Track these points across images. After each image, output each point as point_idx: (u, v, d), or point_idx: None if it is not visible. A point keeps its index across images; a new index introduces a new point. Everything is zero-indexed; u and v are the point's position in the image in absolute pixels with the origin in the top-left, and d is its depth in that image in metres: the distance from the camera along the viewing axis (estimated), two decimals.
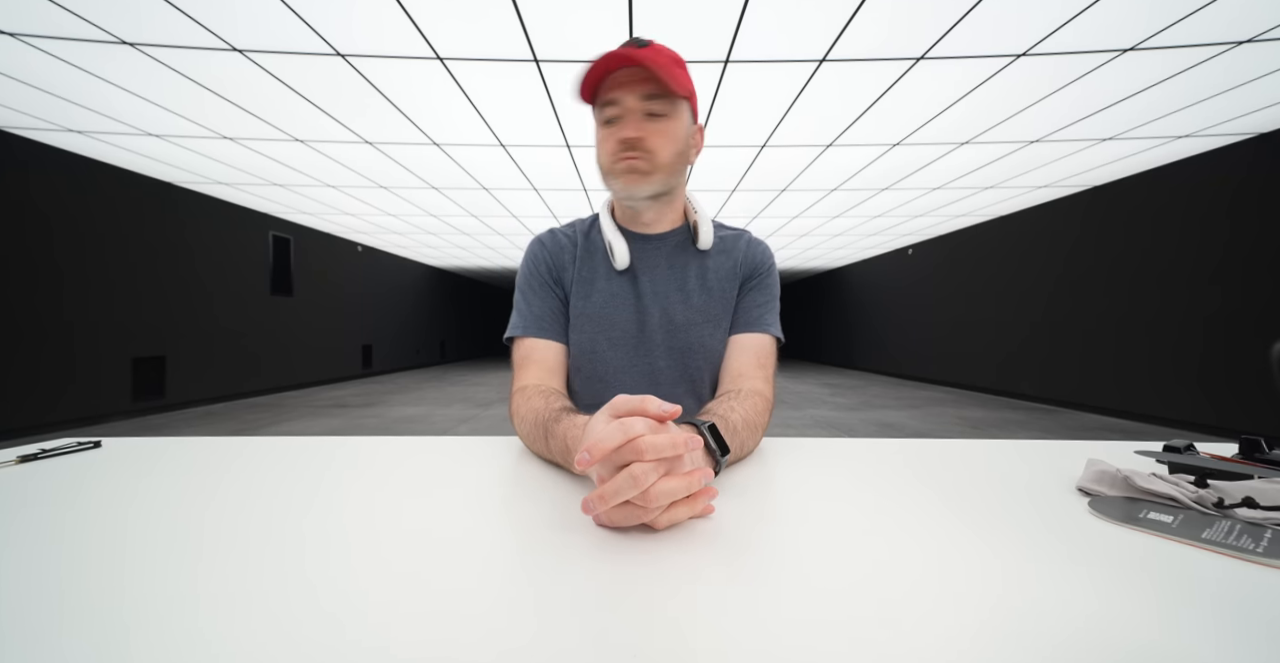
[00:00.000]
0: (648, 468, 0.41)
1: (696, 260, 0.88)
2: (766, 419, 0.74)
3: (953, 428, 4.60)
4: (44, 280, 4.25)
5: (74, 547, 0.41)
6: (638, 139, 0.75)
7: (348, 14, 2.48)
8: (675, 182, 0.82)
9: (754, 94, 3.33)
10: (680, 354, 0.86)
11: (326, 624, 0.30)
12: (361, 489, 0.56)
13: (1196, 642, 0.28)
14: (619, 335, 0.86)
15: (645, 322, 0.86)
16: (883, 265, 9.61)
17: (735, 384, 0.80)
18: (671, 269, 0.87)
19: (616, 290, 0.86)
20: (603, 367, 0.86)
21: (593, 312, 0.86)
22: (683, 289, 0.87)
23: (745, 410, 0.68)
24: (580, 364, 0.87)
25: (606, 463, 0.43)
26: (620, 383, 0.85)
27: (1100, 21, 2.49)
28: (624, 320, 0.86)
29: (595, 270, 0.87)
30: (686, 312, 0.86)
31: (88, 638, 0.28)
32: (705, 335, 0.86)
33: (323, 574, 0.36)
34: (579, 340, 0.86)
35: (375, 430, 4.45)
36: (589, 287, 0.87)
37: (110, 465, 0.66)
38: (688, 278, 0.87)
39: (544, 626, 0.30)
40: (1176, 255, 4.53)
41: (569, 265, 0.88)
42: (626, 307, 0.86)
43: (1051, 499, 0.52)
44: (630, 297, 0.86)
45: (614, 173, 0.78)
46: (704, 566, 0.38)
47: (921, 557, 0.39)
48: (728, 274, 0.88)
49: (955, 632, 0.29)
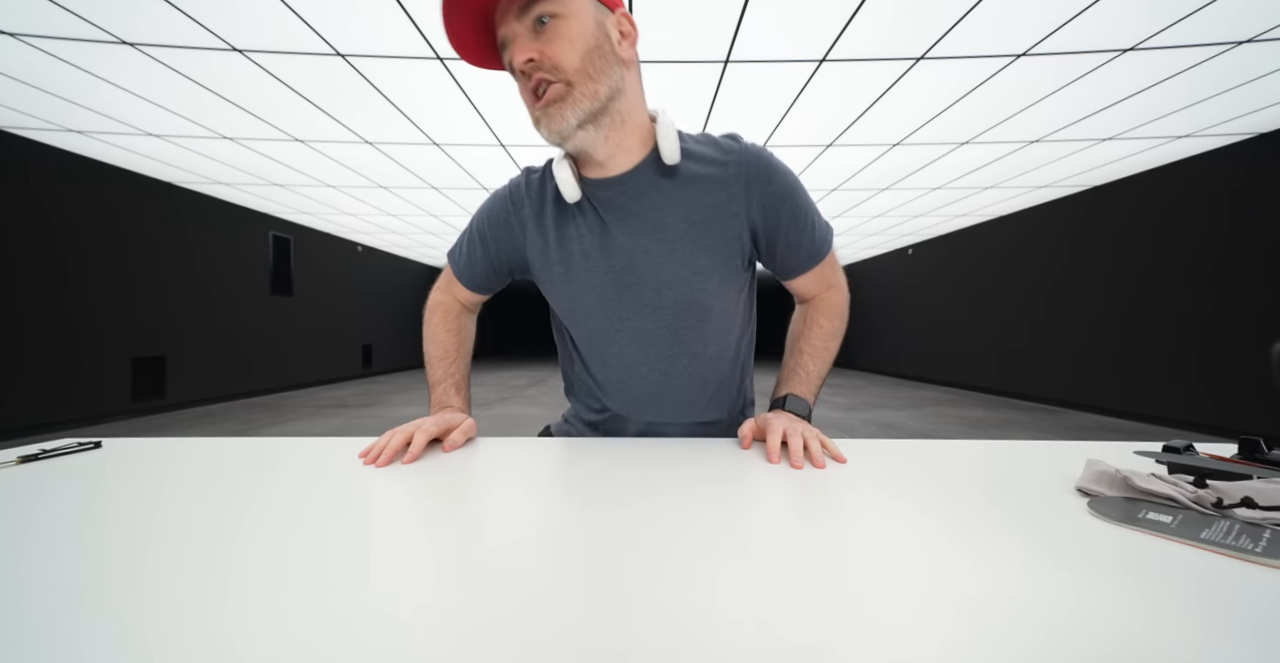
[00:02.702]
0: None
1: (671, 192, 0.72)
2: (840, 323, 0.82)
3: (953, 428, 4.60)
4: (44, 281, 4.25)
5: (74, 547, 0.41)
6: (531, 60, 0.61)
7: (348, 14, 2.48)
8: (607, 90, 0.65)
9: (754, 94, 3.33)
10: (670, 313, 0.75)
11: (327, 624, 0.30)
12: (362, 489, 0.56)
13: (1196, 642, 0.28)
14: (595, 301, 0.76)
15: (621, 280, 0.74)
16: (883, 265, 9.61)
17: (811, 301, 0.84)
18: (643, 213, 0.72)
19: (588, 250, 0.75)
20: (589, 331, 0.80)
21: (561, 276, 0.78)
22: (660, 237, 0.72)
23: (820, 332, 0.80)
24: (570, 325, 0.83)
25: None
26: (610, 349, 0.79)
27: (1100, 21, 2.49)
28: (598, 282, 0.75)
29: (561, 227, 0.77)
30: (671, 265, 0.72)
31: (88, 638, 0.28)
32: (695, 291, 0.73)
33: (323, 574, 0.36)
34: (561, 307, 0.81)
35: (375, 430, 4.45)
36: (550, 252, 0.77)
37: (110, 466, 0.66)
38: (664, 223, 0.72)
39: (544, 625, 0.30)
40: (1176, 255, 4.53)
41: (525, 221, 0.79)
42: (597, 267, 0.75)
43: (1051, 499, 0.52)
44: (600, 258, 0.74)
45: (537, 123, 0.66)
46: (703, 566, 0.38)
47: (921, 557, 0.39)
48: (719, 205, 0.71)
49: (954, 632, 0.29)
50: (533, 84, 0.63)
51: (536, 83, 0.63)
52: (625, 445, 0.75)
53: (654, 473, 0.62)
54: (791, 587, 0.34)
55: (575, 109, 0.63)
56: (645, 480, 0.59)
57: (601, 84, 0.64)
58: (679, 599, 0.33)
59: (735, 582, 0.35)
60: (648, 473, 0.62)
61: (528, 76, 0.63)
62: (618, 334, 0.78)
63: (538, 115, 0.65)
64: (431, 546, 0.42)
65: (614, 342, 0.78)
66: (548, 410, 5.32)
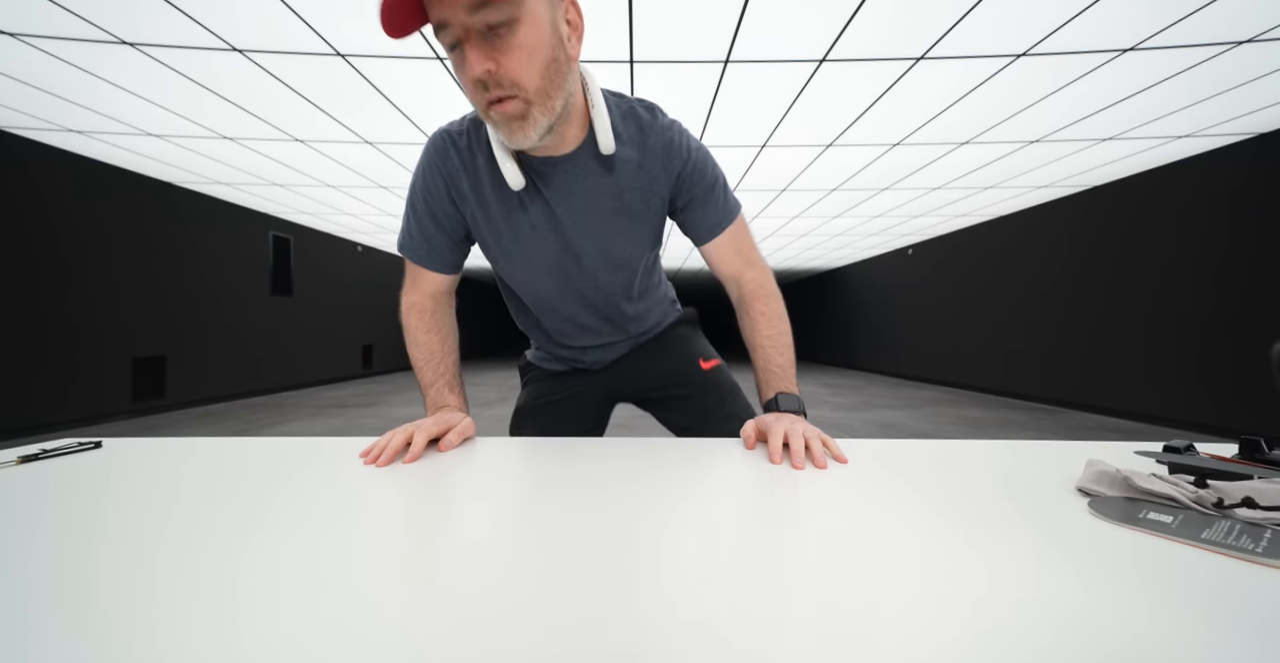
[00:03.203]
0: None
1: (604, 176, 0.77)
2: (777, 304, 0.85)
3: (953, 428, 4.60)
4: (44, 281, 4.25)
5: (74, 547, 0.41)
6: (490, 73, 0.59)
7: (348, 14, 2.47)
8: (562, 100, 0.66)
9: (754, 94, 3.33)
10: (607, 273, 0.86)
11: (328, 624, 0.30)
12: (362, 489, 0.56)
13: (1197, 643, 0.28)
14: (544, 269, 0.84)
15: (568, 252, 0.82)
16: (883, 265, 9.61)
17: (738, 290, 0.88)
18: (582, 194, 0.78)
19: (535, 222, 0.79)
20: (538, 294, 0.89)
21: (511, 249, 0.82)
22: (597, 213, 0.79)
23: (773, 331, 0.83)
24: (518, 286, 0.90)
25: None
26: (558, 309, 0.91)
27: (1100, 21, 2.49)
28: (546, 253, 0.82)
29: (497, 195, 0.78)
30: (608, 237, 0.82)
31: (88, 638, 0.28)
32: (628, 256, 0.86)
33: (324, 574, 0.36)
34: (509, 272, 0.87)
35: (375, 430, 4.45)
36: (490, 217, 0.80)
37: (111, 466, 0.66)
38: (599, 203, 0.79)
39: (544, 623, 0.30)
40: (1176, 255, 4.53)
41: (461, 194, 0.80)
42: (546, 241, 0.81)
43: (1051, 500, 0.52)
44: (548, 230, 0.80)
45: (490, 121, 0.65)
46: (703, 566, 0.38)
47: (921, 557, 0.39)
48: (644, 186, 0.79)
49: (954, 632, 0.29)
50: (486, 95, 0.61)
51: (493, 96, 0.61)
52: (627, 445, 0.75)
53: (655, 473, 0.62)
54: (791, 587, 0.34)
55: (536, 127, 0.64)
56: (646, 481, 0.59)
57: (558, 98, 0.65)
58: (681, 600, 0.33)
59: (735, 582, 0.35)
60: (649, 473, 0.62)
61: (483, 85, 0.60)
62: (564, 292, 0.88)
63: (493, 119, 0.64)
64: (431, 546, 0.42)
65: (562, 301, 0.89)
66: None
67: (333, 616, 0.31)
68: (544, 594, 0.33)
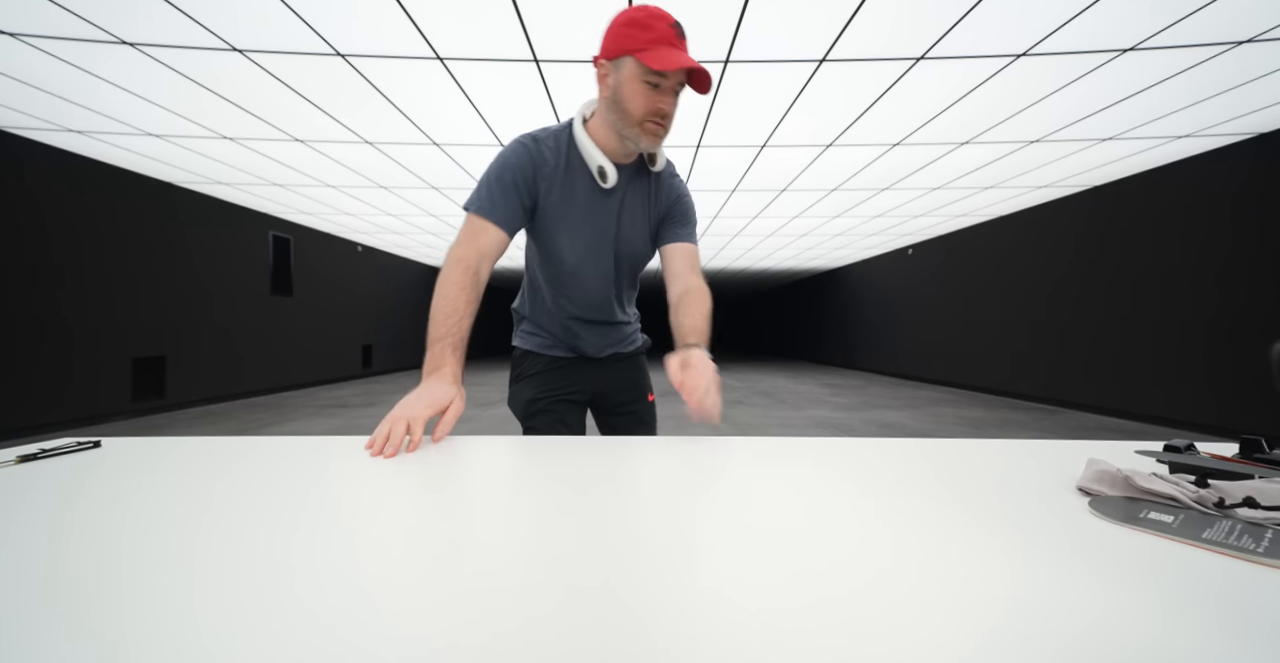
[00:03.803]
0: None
1: (651, 183, 1.08)
2: (709, 305, 1.03)
3: (953, 428, 4.60)
4: (44, 280, 4.25)
5: (74, 547, 0.41)
6: (670, 114, 0.92)
7: (348, 14, 2.48)
8: None
9: (754, 94, 3.33)
10: (630, 259, 1.11)
11: (328, 624, 0.30)
12: (362, 489, 0.56)
13: (1197, 642, 0.28)
14: (592, 245, 1.05)
15: (616, 235, 1.07)
16: (883, 265, 9.61)
17: (684, 283, 1.05)
18: (635, 194, 1.06)
19: (598, 207, 1.03)
20: (574, 266, 1.07)
21: (574, 226, 1.03)
22: (643, 209, 1.08)
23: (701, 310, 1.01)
24: (555, 262, 1.07)
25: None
26: (586, 279, 1.09)
27: (1100, 21, 2.49)
28: (600, 233, 1.05)
29: (576, 187, 1.01)
30: (641, 228, 1.09)
31: (88, 638, 0.28)
32: (642, 253, 1.12)
33: (324, 574, 0.36)
34: (559, 244, 1.05)
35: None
36: (570, 203, 1.01)
37: (110, 465, 0.66)
38: (646, 199, 1.08)
39: (544, 622, 0.30)
40: (1176, 255, 4.53)
41: (546, 179, 1.00)
42: (604, 223, 1.05)
43: (1051, 499, 0.52)
44: (607, 214, 1.04)
45: (643, 130, 0.93)
46: (704, 566, 0.38)
47: (922, 557, 0.39)
48: (663, 198, 1.10)
49: (955, 632, 0.29)
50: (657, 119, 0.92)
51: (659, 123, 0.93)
52: (620, 443, 0.75)
53: (651, 471, 0.62)
54: (791, 587, 0.34)
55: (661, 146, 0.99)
56: (645, 479, 0.59)
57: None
58: (680, 598, 0.33)
59: (735, 583, 0.35)
60: (647, 471, 0.62)
61: (664, 117, 0.92)
62: (595, 268, 1.09)
63: (647, 130, 0.93)
64: (430, 545, 0.42)
65: (592, 274, 1.09)
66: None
67: (333, 614, 0.31)
68: (545, 594, 0.33)
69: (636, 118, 0.91)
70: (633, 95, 0.90)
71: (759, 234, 7.81)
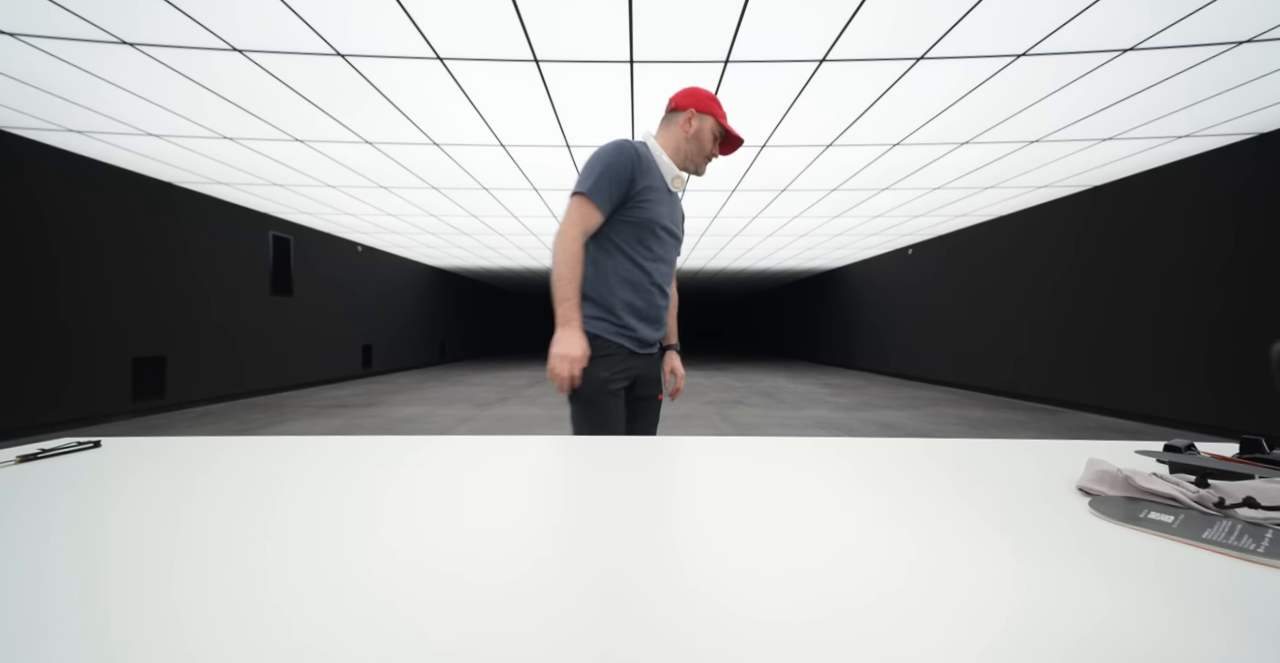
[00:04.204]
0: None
1: (676, 201, 1.44)
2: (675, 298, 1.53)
3: (953, 428, 4.60)
4: (44, 280, 4.25)
5: (74, 547, 0.41)
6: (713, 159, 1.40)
7: (347, 14, 2.48)
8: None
9: (754, 94, 3.33)
10: (679, 246, 1.45)
11: (328, 624, 0.30)
12: (361, 489, 0.56)
13: (1197, 642, 0.28)
14: (666, 234, 1.36)
15: (677, 229, 1.41)
16: (883, 265, 9.61)
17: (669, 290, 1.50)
18: (677, 203, 1.43)
19: (672, 205, 1.38)
20: (657, 250, 1.35)
21: (660, 216, 1.33)
22: (681, 213, 1.45)
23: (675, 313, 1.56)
24: (645, 243, 1.33)
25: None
26: (663, 262, 1.37)
27: (1100, 21, 2.49)
28: (672, 225, 1.38)
29: (658, 186, 1.32)
30: (678, 226, 1.42)
31: (88, 638, 0.28)
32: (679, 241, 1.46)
33: (323, 574, 0.36)
34: (651, 230, 1.32)
35: (375, 430, 4.45)
36: (657, 195, 1.32)
37: (110, 465, 0.66)
38: (678, 207, 1.44)
39: (544, 622, 0.30)
40: (1176, 255, 4.53)
41: (643, 173, 1.28)
42: (675, 218, 1.40)
43: (1052, 499, 0.51)
44: (674, 212, 1.40)
45: (701, 162, 1.37)
46: (704, 566, 0.38)
47: (922, 556, 0.39)
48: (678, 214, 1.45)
49: (955, 631, 0.29)
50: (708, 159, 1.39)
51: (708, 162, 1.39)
52: (621, 443, 0.75)
53: (651, 470, 0.62)
54: (791, 587, 0.34)
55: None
56: (645, 479, 0.59)
57: None
58: (681, 597, 0.33)
59: (735, 583, 0.35)
60: (647, 471, 0.62)
61: (712, 157, 1.39)
62: (667, 256, 1.39)
63: (703, 162, 1.38)
64: (430, 544, 0.42)
65: (664, 260, 1.38)
66: (548, 410, 5.32)
67: (335, 615, 0.31)
68: (545, 594, 0.33)
69: (705, 154, 1.36)
70: (707, 140, 1.35)
71: (759, 234, 7.82)
